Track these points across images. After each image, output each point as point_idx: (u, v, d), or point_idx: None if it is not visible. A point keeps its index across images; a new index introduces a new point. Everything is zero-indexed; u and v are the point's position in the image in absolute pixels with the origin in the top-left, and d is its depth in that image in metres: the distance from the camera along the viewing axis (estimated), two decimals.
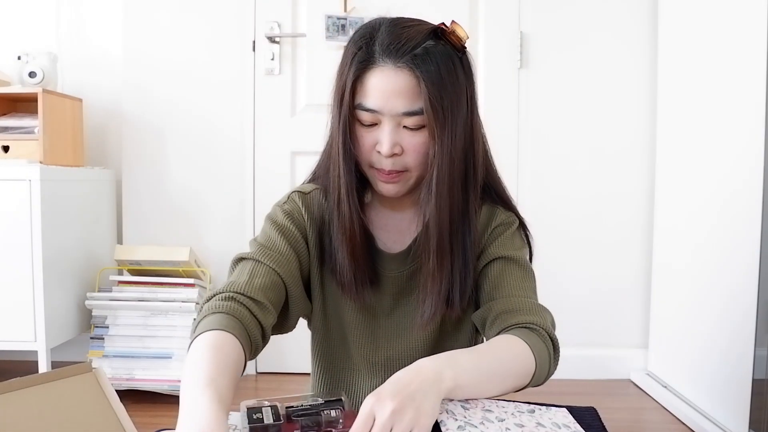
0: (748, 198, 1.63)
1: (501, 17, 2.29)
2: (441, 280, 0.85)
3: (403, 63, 0.78)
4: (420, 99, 0.79)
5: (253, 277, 0.83)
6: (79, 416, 0.65)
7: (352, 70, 0.80)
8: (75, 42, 2.43)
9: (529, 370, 0.77)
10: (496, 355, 0.77)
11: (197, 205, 2.34)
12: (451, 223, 0.84)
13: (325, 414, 0.69)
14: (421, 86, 0.78)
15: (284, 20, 2.30)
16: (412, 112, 0.80)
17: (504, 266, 0.88)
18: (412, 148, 0.82)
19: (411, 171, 0.84)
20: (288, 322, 0.91)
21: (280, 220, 0.90)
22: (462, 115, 0.82)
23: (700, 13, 1.96)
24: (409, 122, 0.81)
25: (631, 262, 2.33)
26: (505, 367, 0.76)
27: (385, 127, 0.81)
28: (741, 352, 1.64)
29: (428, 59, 0.79)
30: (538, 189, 2.30)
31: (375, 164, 0.84)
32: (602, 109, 2.30)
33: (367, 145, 0.83)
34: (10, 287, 1.92)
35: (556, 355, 0.82)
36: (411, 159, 0.83)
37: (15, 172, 1.91)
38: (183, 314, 2.02)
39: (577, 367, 2.31)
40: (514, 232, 0.92)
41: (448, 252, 0.84)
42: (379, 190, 0.87)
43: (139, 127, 2.33)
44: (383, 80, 0.79)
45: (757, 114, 1.59)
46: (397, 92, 0.79)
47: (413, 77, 0.79)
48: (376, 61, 0.79)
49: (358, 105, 0.81)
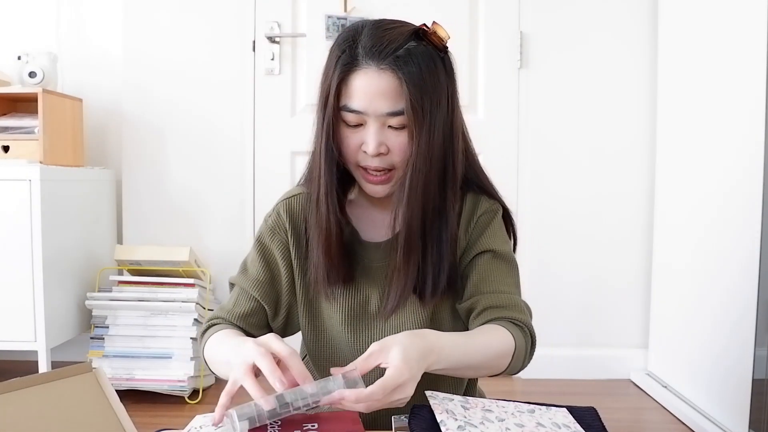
0: (748, 198, 1.63)
1: (501, 17, 2.29)
2: (407, 274, 0.87)
3: (386, 65, 0.80)
4: (402, 100, 0.81)
5: (236, 306, 0.95)
6: (79, 416, 0.65)
7: (337, 73, 0.83)
8: (75, 42, 2.43)
9: (507, 355, 0.83)
10: (482, 336, 0.83)
11: (197, 205, 2.34)
12: (423, 220, 0.86)
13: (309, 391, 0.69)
14: (403, 87, 0.80)
15: (284, 20, 2.31)
16: (396, 113, 0.82)
17: (491, 260, 0.91)
18: (398, 146, 0.84)
19: (397, 170, 0.86)
20: (286, 329, 0.99)
21: (263, 241, 0.96)
22: (442, 114, 0.84)
23: (700, 13, 1.96)
24: (393, 122, 0.83)
25: (631, 262, 2.33)
26: (488, 349, 0.82)
27: (370, 127, 0.83)
28: (741, 352, 1.64)
29: (410, 60, 0.81)
30: (538, 189, 2.30)
31: (361, 163, 0.86)
32: (602, 109, 2.30)
33: (352, 145, 0.85)
34: (10, 287, 1.92)
35: (533, 350, 0.89)
36: (397, 158, 0.85)
37: (15, 172, 1.91)
38: (183, 314, 2.02)
39: (577, 367, 2.31)
40: (500, 221, 0.95)
41: (417, 248, 0.87)
42: (367, 190, 0.89)
43: (139, 127, 2.33)
44: (367, 82, 0.81)
45: (757, 114, 1.59)
46: (380, 93, 0.81)
47: (396, 78, 0.81)
48: (360, 63, 0.82)
49: (343, 107, 0.83)
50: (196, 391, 2.06)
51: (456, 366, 0.78)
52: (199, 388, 2.06)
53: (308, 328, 0.96)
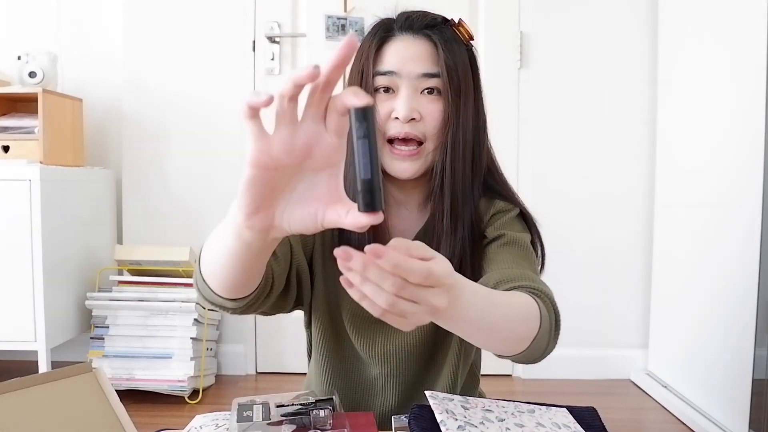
0: (749, 198, 1.63)
1: (501, 17, 2.29)
2: (454, 242, 0.84)
3: (420, 34, 0.83)
4: (437, 65, 0.82)
5: None
6: (79, 416, 0.65)
7: (373, 44, 0.84)
8: (75, 42, 2.43)
9: (532, 319, 0.68)
10: (502, 295, 0.69)
11: (197, 205, 2.34)
12: (463, 189, 0.85)
13: (314, 414, 0.69)
14: (439, 52, 0.82)
15: (284, 20, 2.31)
16: (431, 74, 0.82)
17: (501, 245, 0.85)
18: (429, 114, 0.83)
19: (427, 141, 0.83)
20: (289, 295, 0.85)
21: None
22: (471, 94, 0.85)
23: (700, 13, 1.96)
24: (428, 84, 0.82)
25: (631, 262, 2.33)
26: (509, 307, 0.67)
27: (402, 91, 0.82)
28: (741, 352, 1.64)
29: (444, 31, 0.84)
30: (538, 188, 2.30)
31: (391, 132, 0.83)
32: (602, 109, 2.30)
33: (383, 113, 0.83)
34: (10, 287, 1.92)
35: (557, 333, 0.74)
36: (429, 126, 0.83)
37: (15, 172, 1.91)
38: (183, 314, 2.02)
39: (577, 367, 2.31)
40: (513, 218, 0.90)
41: (461, 215, 0.84)
42: (394, 170, 0.84)
43: (139, 127, 2.33)
44: (402, 46, 0.83)
45: (758, 114, 1.59)
46: (415, 56, 0.83)
47: (431, 43, 0.83)
48: (395, 34, 0.84)
49: (375, 72, 0.83)
50: (196, 391, 2.06)
51: (473, 318, 0.60)
52: (199, 388, 2.06)
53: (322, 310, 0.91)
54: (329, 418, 0.70)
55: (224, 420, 0.74)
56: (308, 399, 0.72)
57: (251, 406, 0.69)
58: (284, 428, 0.68)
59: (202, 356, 2.07)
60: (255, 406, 0.69)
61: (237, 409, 0.69)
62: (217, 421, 0.75)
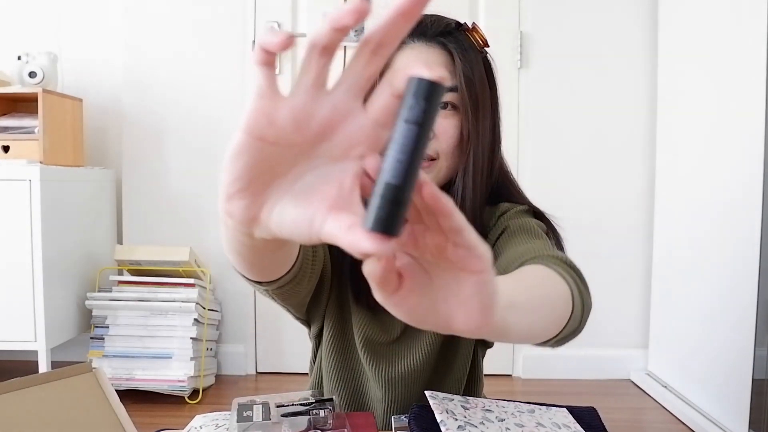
0: (749, 198, 1.63)
1: (501, 17, 2.29)
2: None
3: (434, 42, 0.77)
4: (453, 77, 0.76)
5: None
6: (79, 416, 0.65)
7: None
8: (75, 42, 2.43)
9: (561, 287, 0.60)
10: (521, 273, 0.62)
11: (197, 205, 2.33)
12: (475, 205, 0.80)
13: (314, 414, 0.69)
14: (455, 62, 0.76)
15: (284, 20, 2.31)
16: (447, 88, 0.77)
17: (507, 237, 0.79)
18: (444, 131, 0.78)
19: (440, 159, 0.79)
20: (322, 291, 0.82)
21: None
22: (489, 108, 0.80)
23: (700, 12, 1.96)
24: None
25: (631, 262, 2.33)
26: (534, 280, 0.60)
27: None
28: (741, 352, 1.64)
29: (459, 38, 0.78)
30: (537, 189, 2.28)
31: None
32: (602, 109, 2.30)
33: None
34: (10, 287, 1.92)
35: (588, 295, 0.66)
36: (444, 145, 0.78)
37: (15, 172, 1.91)
38: (183, 314, 2.02)
39: (577, 367, 2.31)
40: (518, 211, 0.86)
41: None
42: None
43: (139, 127, 2.33)
44: (414, 55, 0.76)
45: (758, 114, 1.59)
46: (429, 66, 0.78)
47: (446, 53, 0.77)
48: (406, 41, 0.76)
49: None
50: (196, 391, 2.05)
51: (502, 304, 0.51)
52: (199, 388, 2.05)
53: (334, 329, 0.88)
54: (329, 418, 0.70)
55: (224, 420, 0.74)
56: (308, 399, 0.73)
57: (251, 406, 0.69)
58: (284, 428, 0.68)
59: (202, 356, 2.07)
60: (255, 406, 0.69)
61: (237, 409, 0.69)
62: (217, 421, 0.75)
